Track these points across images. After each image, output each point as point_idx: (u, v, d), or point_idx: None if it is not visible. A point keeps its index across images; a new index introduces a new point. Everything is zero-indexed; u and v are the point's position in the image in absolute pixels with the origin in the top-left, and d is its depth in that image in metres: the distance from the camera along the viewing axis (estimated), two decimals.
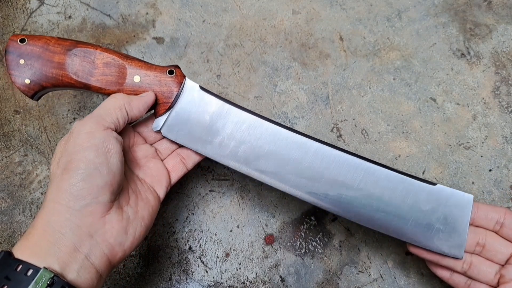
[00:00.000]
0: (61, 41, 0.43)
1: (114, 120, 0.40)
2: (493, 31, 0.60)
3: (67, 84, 0.43)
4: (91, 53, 0.43)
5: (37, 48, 0.42)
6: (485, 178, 0.53)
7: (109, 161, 0.37)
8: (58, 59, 0.43)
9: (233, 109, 0.44)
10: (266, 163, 0.43)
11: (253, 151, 0.43)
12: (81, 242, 0.35)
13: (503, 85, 0.57)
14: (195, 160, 0.46)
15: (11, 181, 0.53)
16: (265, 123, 0.44)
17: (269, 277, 0.50)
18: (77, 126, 0.38)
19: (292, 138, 0.43)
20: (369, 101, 0.57)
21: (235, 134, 0.44)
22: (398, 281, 0.50)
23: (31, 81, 0.43)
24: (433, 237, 0.41)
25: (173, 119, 0.44)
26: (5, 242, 0.51)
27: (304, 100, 0.57)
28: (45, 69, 0.42)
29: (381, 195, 0.42)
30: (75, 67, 0.43)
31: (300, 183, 0.42)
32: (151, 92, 0.43)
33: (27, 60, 0.42)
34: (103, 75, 0.43)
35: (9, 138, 0.55)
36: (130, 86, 0.43)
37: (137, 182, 0.42)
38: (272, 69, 0.59)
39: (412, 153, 0.55)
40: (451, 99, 0.57)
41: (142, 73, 0.44)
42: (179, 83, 0.44)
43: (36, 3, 0.62)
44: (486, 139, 0.55)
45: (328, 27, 0.61)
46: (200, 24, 0.61)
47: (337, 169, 0.43)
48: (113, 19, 0.62)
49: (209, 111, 0.44)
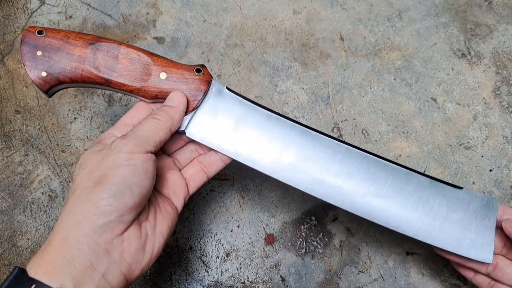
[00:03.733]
0: (82, 35, 0.42)
1: (156, 143, 0.39)
2: (493, 31, 0.60)
3: (86, 79, 0.42)
4: (114, 48, 0.42)
5: (57, 41, 0.41)
6: (485, 178, 0.53)
7: (143, 183, 0.36)
8: (79, 52, 0.41)
9: (262, 111, 0.43)
10: (295, 168, 0.42)
11: (281, 155, 0.42)
12: (98, 260, 0.34)
13: (504, 85, 0.57)
14: (219, 167, 0.45)
15: (11, 181, 0.53)
16: (294, 125, 0.43)
17: (269, 277, 0.50)
18: (119, 145, 0.37)
19: (321, 141, 0.43)
20: (370, 101, 0.57)
21: (263, 137, 0.42)
22: (399, 281, 0.50)
23: (48, 74, 0.41)
24: (460, 241, 0.40)
25: (199, 119, 0.43)
26: (6, 242, 0.51)
27: (305, 100, 0.57)
28: (65, 62, 0.41)
29: (408, 199, 0.41)
30: (97, 61, 0.41)
31: (330, 188, 0.41)
32: (183, 96, 0.42)
33: (44, 52, 0.40)
34: (127, 71, 0.42)
35: (9, 138, 0.55)
36: (155, 83, 0.42)
37: (156, 195, 0.41)
38: (273, 69, 0.59)
39: (413, 153, 0.55)
40: (451, 99, 0.57)
41: (169, 70, 0.42)
42: (207, 82, 0.43)
43: (36, 3, 0.62)
44: (487, 139, 0.55)
45: (328, 27, 0.61)
46: (201, 24, 0.61)
47: (366, 172, 0.42)
48: (114, 19, 0.62)
49: (237, 112, 0.43)
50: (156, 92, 0.42)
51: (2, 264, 0.50)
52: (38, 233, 0.51)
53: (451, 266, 0.50)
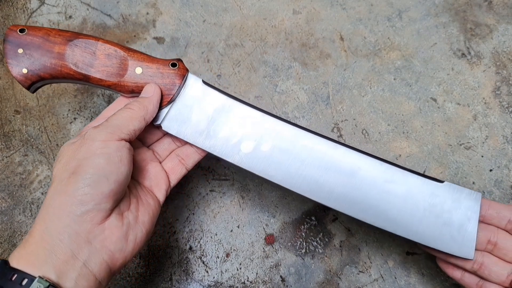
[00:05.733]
0: (62, 32, 0.43)
1: (130, 132, 0.39)
2: (493, 31, 0.60)
3: (66, 75, 0.43)
4: (92, 44, 0.43)
5: (37, 39, 0.42)
6: (485, 178, 0.53)
7: (118, 170, 0.36)
8: (58, 49, 0.42)
9: (237, 104, 0.44)
10: (270, 161, 0.42)
11: (256, 147, 0.42)
12: (79, 249, 0.34)
13: (504, 85, 0.57)
14: (195, 160, 0.45)
15: (11, 181, 0.53)
16: (269, 118, 0.43)
17: (269, 277, 0.50)
18: (92, 134, 0.37)
19: (298, 134, 0.43)
20: (370, 101, 0.57)
21: (238, 130, 0.43)
22: (399, 281, 0.50)
23: (29, 71, 0.42)
24: (442, 236, 0.40)
25: (174, 113, 0.43)
26: (6, 242, 0.51)
27: (305, 100, 0.57)
28: (44, 59, 0.42)
29: (387, 193, 0.41)
30: (75, 57, 0.42)
31: (305, 182, 0.41)
32: (156, 87, 0.42)
33: (26, 50, 0.42)
34: (104, 66, 0.43)
35: (9, 138, 0.55)
36: (131, 78, 0.43)
37: (137, 186, 0.42)
38: (273, 69, 0.59)
39: (413, 153, 0.55)
40: (451, 99, 0.57)
41: (144, 65, 0.43)
42: (182, 76, 0.43)
43: (36, 3, 0.62)
44: (487, 139, 0.55)
45: (328, 27, 0.61)
46: (201, 24, 0.61)
47: (341, 167, 0.41)
48: (114, 19, 0.62)
49: (212, 105, 0.43)
50: (132, 86, 0.43)
51: None
52: None
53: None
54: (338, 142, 0.43)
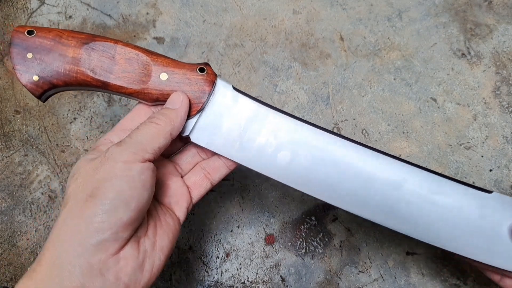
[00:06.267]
0: (75, 34, 0.39)
1: (155, 150, 0.35)
2: (493, 31, 0.60)
3: (82, 82, 0.39)
4: (110, 48, 0.39)
5: (48, 41, 0.38)
6: (485, 178, 0.53)
7: (140, 196, 0.33)
8: (73, 53, 0.38)
9: (270, 111, 0.40)
10: (309, 173, 0.38)
11: (294, 159, 0.39)
12: (91, 282, 0.31)
13: (504, 85, 0.57)
14: (223, 174, 0.41)
15: (11, 181, 0.53)
16: (306, 126, 0.40)
17: (269, 277, 0.50)
18: (114, 153, 0.34)
19: (338, 144, 0.39)
20: (370, 101, 0.57)
21: (274, 140, 0.39)
22: (399, 281, 0.50)
23: (40, 78, 0.38)
24: (494, 250, 0.37)
25: (204, 123, 0.39)
26: (6, 242, 0.51)
27: (305, 100, 0.57)
28: (57, 64, 0.38)
29: (434, 205, 0.38)
30: (92, 62, 0.38)
31: (349, 196, 0.38)
32: (184, 97, 0.38)
33: (35, 54, 0.37)
34: (125, 72, 0.39)
35: (9, 138, 0.55)
36: (155, 85, 0.39)
37: (156, 206, 0.38)
38: (273, 69, 0.59)
39: (413, 153, 0.55)
40: (451, 99, 0.57)
41: (170, 70, 0.39)
42: (211, 82, 0.40)
43: (36, 3, 0.62)
44: (487, 139, 0.55)
45: (328, 27, 0.61)
46: (201, 24, 0.61)
47: (386, 179, 0.38)
48: (114, 19, 0.62)
49: (244, 113, 0.40)
50: (157, 94, 0.39)
51: (2, 265, 0.50)
52: (38, 234, 0.51)
53: (451, 266, 0.50)
54: (379, 151, 0.39)
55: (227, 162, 0.41)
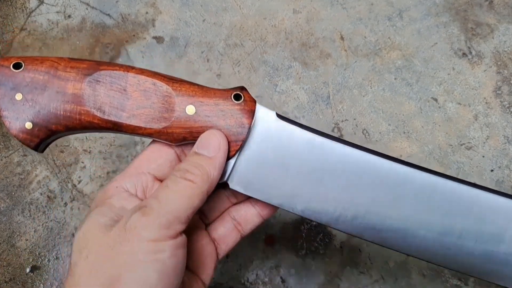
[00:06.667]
0: (74, 63, 0.31)
1: (189, 217, 0.28)
2: (494, 31, 0.60)
3: (88, 125, 0.31)
4: (120, 78, 0.31)
5: (41, 75, 0.30)
6: (486, 178, 0.53)
7: (170, 281, 0.26)
8: (73, 89, 0.30)
9: (328, 143, 0.32)
10: (383, 221, 0.31)
11: (360, 204, 0.32)
12: None
13: (505, 85, 0.57)
14: (256, 223, 0.35)
15: (10, 181, 0.53)
16: (377, 160, 0.32)
17: (269, 278, 0.50)
18: (138, 227, 0.26)
19: (417, 179, 0.32)
20: (370, 100, 0.57)
21: (335, 181, 0.32)
22: (400, 282, 0.50)
23: (35, 125, 0.30)
24: None
25: (243, 164, 0.32)
26: (4, 243, 0.51)
27: (305, 99, 0.57)
28: (55, 105, 0.30)
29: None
30: (98, 99, 0.31)
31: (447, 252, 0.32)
32: (221, 139, 0.30)
33: (26, 94, 0.30)
34: (140, 108, 0.31)
35: (8, 138, 0.55)
36: (181, 121, 0.31)
37: None
38: (273, 68, 0.59)
39: (414, 153, 0.54)
40: (452, 99, 0.57)
41: (197, 101, 0.31)
42: (251, 112, 0.32)
43: (35, 3, 0.62)
44: (488, 139, 0.55)
45: (329, 27, 0.61)
46: (200, 24, 0.61)
47: (485, 228, 0.32)
48: (113, 19, 0.61)
49: (294, 147, 0.32)
50: (183, 133, 0.31)
51: (1, 265, 0.50)
52: (37, 234, 0.51)
53: None
54: (473, 184, 0.33)
55: (263, 210, 0.35)
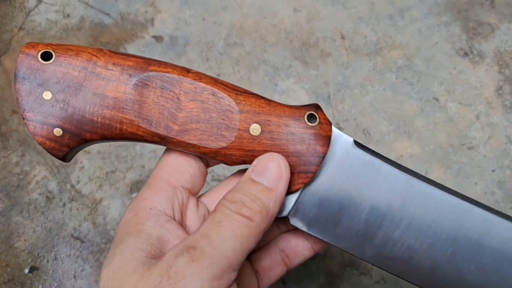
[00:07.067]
0: (117, 58, 0.25)
1: (242, 263, 0.24)
2: (496, 30, 0.60)
3: (129, 136, 0.26)
4: (174, 83, 0.25)
5: (76, 71, 0.24)
6: (488, 178, 0.53)
7: None
8: (116, 92, 0.25)
9: (415, 182, 0.27)
10: (461, 274, 0.27)
11: (439, 255, 0.27)
12: None
13: (506, 85, 0.57)
14: (305, 258, 0.31)
15: (8, 182, 0.53)
16: (467, 207, 0.27)
17: None
18: (186, 276, 0.21)
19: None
20: (371, 100, 0.57)
21: (413, 226, 0.27)
22: (400, 283, 0.49)
23: (65, 132, 0.25)
24: None
25: (311, 198, 0.27)
26: (3, 243, 0.51)
27: (305, 99, 0.57)
28: (92, 109, 0.25)
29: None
30: (145, 107, 0.25)
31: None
32: (285, 169, 0.25)
33: (57, 94, 0.24)
34: (196, 123, 0.25)
35: (6, 138, 0.55)
36: (243, 141, 0.26)
37: None
38: (273, 68, 0.58)
39: (415, 153, 0.54)
40: (453, 99, 0.57)
41: (264, 120, 0.26)
42: (326, 138, 0.26)
43: (34, 2, 0.62)
44: (489, 139, 0.55)
45: (329, 26, 0.61)
46: (200, 23, 0.61)
47: None
48: (112, 18, 0.61)
49: (371, 184, 0.27)
50: (244, 157, 0.26)
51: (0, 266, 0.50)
52: (36, 235, 0.51)
53: None
54: None
55: (316, 244, 0.30)
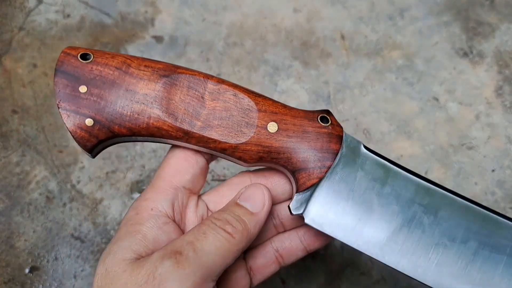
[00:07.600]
0: (150, 63, 0.29)
1: (219, 275, 0.26)
2: (496, 30, 0.60)
3: (155, 131, 0.29)
4: (199, 84, 0.29)
5: (111, 70, 0.28)
6: (488, 178, 0.53)
7: None
8: (146, 88, 0.28)
9: (416, 182, 0.29)
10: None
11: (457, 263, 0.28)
12: None
13: (506, 85, 0.57)
14: (298, 257, 0.33)
15: (9, 182, 0.53)
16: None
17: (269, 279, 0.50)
18: (170, 279, 0.24)
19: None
20: (371, 100, 0.57)
21: (429, 232, 0.28)
22: (400, 283, 0.49)
23: (96, 123, 0.28)
24: None
25: (323, 196, 0.29)
26: (3, 243, 0.51)
27: (305, 99, 0.57)
28: (123, 103, 0.28)
29: None
30: (172, 103, 0.28)
31: None
32: (266, 195, 0.28)
33: (91, 88, 0.28)
34: (217, 119, 0.29)
35: (7, 138, 0.55)
36: (261, 138, 0.29)
37: None
38: (273, 68, 0.58)
39: (415, 153, 0.54)
40: (453, 99, 0.57)
41: (281, 119, 0.29)
42: (339, 138, 0.30)
43: (34, 2, 0.62)
44: (489, 139, 0.55)
45: (329, 26, 0.61)
46: (200, 23, 0.61)
47: None
48: (112, 18, 0.61)
49: (378, 185, 0.29)
50: (262, 153, 0.29)
51: (0, 266, 0.50)
52: (36, 235, 0.51)
53: None
54: None
55: (310, 245, 0.32)
